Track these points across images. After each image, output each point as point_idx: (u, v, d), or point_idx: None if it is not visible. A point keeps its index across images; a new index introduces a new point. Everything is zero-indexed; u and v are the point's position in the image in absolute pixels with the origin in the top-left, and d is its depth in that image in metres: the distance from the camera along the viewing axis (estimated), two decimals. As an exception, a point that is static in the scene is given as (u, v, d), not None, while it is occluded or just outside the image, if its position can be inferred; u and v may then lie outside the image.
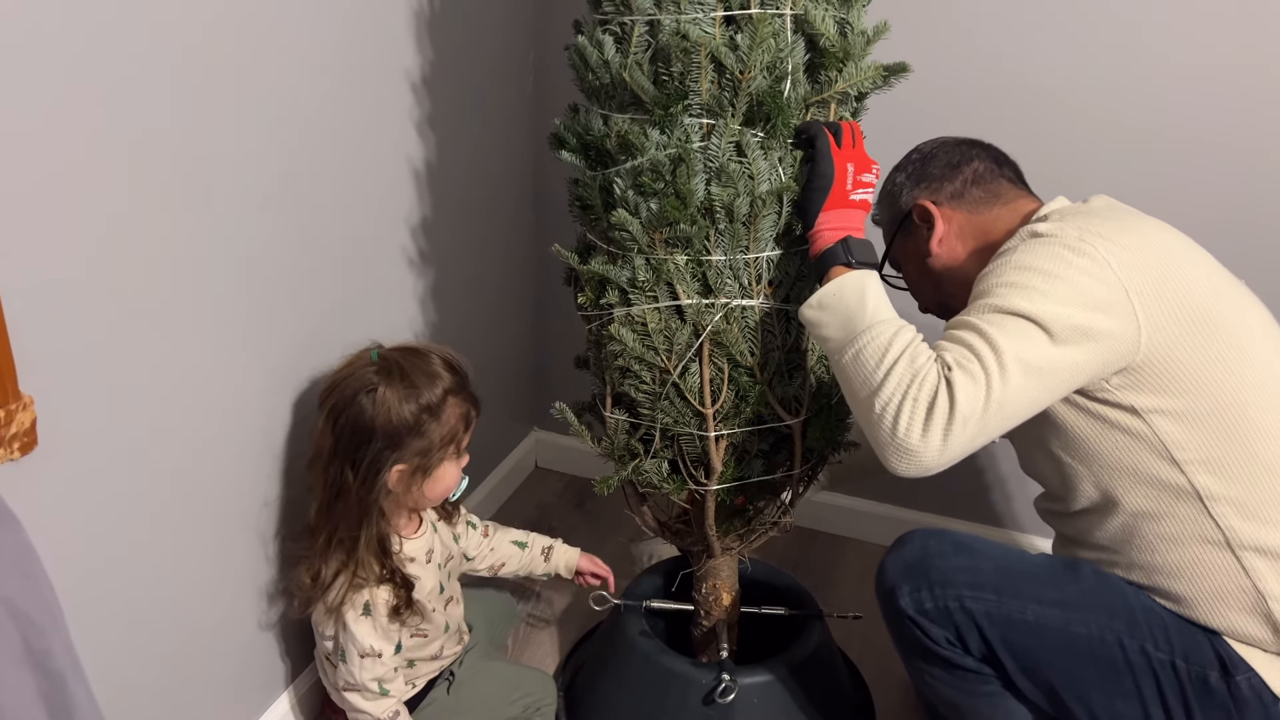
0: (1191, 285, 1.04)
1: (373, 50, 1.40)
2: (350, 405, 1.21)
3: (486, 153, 1.78)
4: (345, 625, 1.25)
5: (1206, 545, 1.04)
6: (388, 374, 1.22)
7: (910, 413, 0.94)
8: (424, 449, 1.22)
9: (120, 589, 1.12)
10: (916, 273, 1.27)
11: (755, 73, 1.05)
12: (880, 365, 0.97)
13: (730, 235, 1.11)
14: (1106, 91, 1.57)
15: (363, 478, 1.21)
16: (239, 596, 1.32)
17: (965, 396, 0.93)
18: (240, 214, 1.18)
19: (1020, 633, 1.08)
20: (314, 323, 1.36)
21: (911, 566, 1.13)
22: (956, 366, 0.95)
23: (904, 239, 1.26)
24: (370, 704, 1.28)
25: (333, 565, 1.25)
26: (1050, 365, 0.97)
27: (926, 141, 1.28)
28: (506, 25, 1.77)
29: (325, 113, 1.31)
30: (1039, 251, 1.02)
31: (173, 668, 1.22)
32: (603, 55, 1.10)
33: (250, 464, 1.28)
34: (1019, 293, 0.99)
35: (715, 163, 1.08)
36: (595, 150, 1.16)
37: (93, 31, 0.95)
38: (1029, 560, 1.15)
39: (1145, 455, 1.04)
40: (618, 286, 1.17)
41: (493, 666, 1.52)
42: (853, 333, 1.01)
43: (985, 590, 1.09)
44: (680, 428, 1.20)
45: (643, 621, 1.49)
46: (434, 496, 1.30)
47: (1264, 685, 1.02)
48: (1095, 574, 1.12)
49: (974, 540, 1.16)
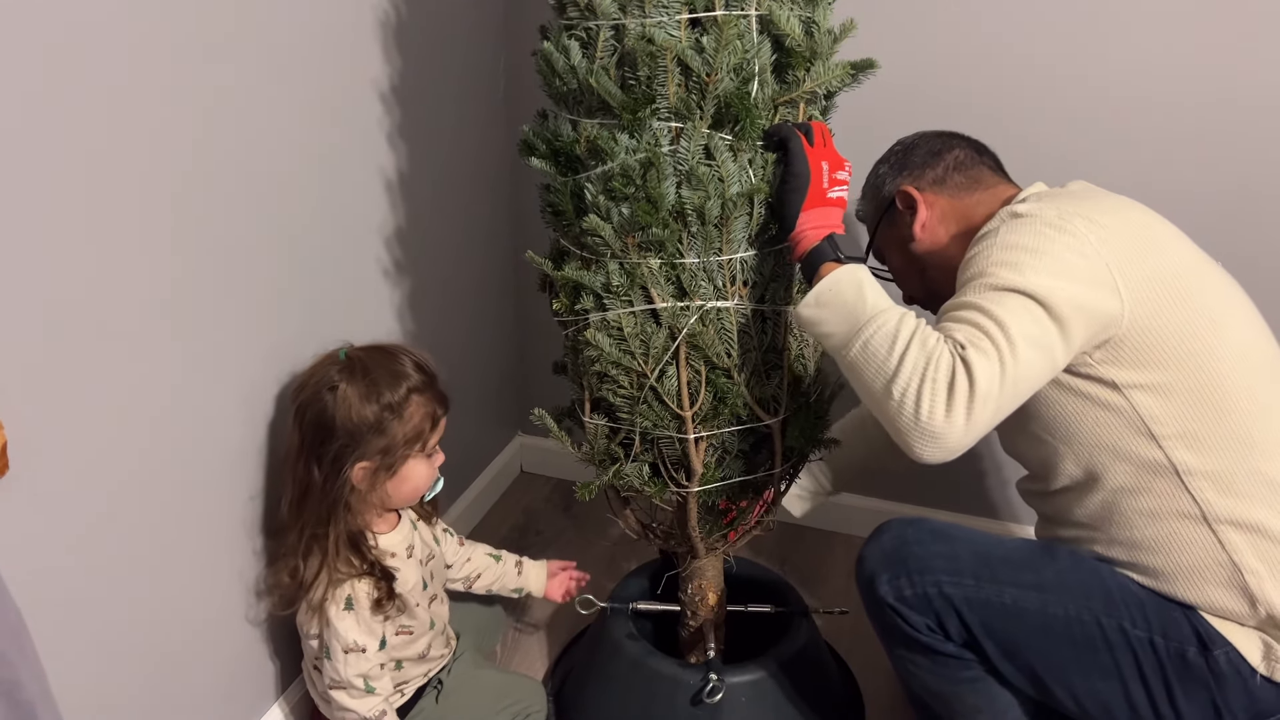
0: (1168, 260, 1.06)
1: (343, 58, 1.39)
2: (314, 403, 1.22)
3: (460, 159, 1.78)
4: (328, 621, 1.25)
5: (1184, 520, 1.05)
6: (351, 372, 1.23)
7: (931, 395, 0.94)
8: (386, 447, 1.23)
9: (101, 604, 1.11)
10: (901, 260, 1.29)
11: (722, 75, 1.05)
12: (892, 352, 0.97)
13: (703, 238, 1.11)
14: (1077, 81, 1.58)
15: (326, 474, 1.22)
16: (226, 606, 1.32)
17: (983, 374, 0.93)
18: (214, 223, 1.18)
19: (999, 616, 1.09)
20: (292, 332, 1.36)
21: (890, 555, 1.14)
22: (970, 345, 0.95)
23: (888, 227, 1.28)
24: (356, 702, 1.27)
25: (312, 563, 1.25)
26: (1051, 338, 0.98)
27: (908, 135, 1.30)
28: (476, 31, 1.76)
29: (297, 121, 1.31)
30: (1022, 230, 1.04)
31: (159, 682, 1.21)
32: (569, 61, 1.10)
33: (231, 469, 1.28)
34: (1012, 270, 1.00)
35: (685, 166, 1.08)
36: (565, 156, 1.16)
37: (54, 42, 0.94)
38: (1006, 545, 1.16)
39: (1124, 431, 1.06)
40: (592, 292, 1.17)
41: (482, 675, 1.51)
42: (856, 325, 1.01)
43: (963, 575, 1.10)
44: (659, 431, 1.20)
45: (629, 624, 1.49)
46: (404, 495, 1.30)
47: (1241, 659, 1.04)
48: (1071, 556, 1.13)
49: (951, 527, 1.17)
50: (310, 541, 1.25)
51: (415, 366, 1.28)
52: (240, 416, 1.28)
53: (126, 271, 1.07)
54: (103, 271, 1.04)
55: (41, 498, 1.01)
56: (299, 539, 1.26)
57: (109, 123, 1.02)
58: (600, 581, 1.82)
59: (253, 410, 1.30)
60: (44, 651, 1.02)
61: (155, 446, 1.15)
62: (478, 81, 1.80)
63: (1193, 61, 1.51)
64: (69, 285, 1.00)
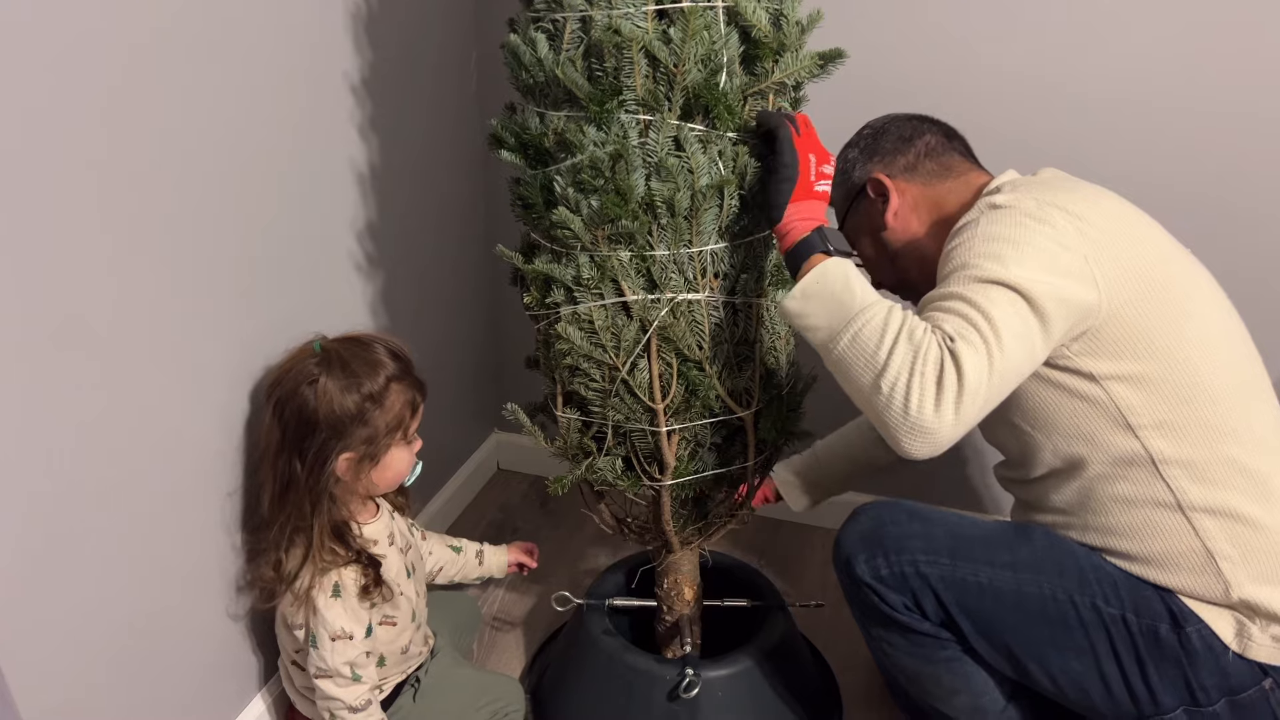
0: (1143, 250, 1.06)
1: (311, 52, 1.38)
2: (294, 398, 1.22)
3: (433, 153, 1.76)
4: (316, 609, 1.24)
5: (1159, 508, 1.06)
6: (329, 365, 1.23)
7: (920, 389, 0.93)
8: (369, 437, 1.23)
9: (80, 602, 1.10)
10: (872, 249, 1.28)
11: (689, 66, 1.05)
12: (880, 346, 0.96)
13: (673, 230, 1.11)
14: (1045, 69, 1.58)
15: (310, 468, 1.22)
16: (206, 602, 1.31)
17: (971, 366, 0.93)
18: (184, 219, 1.17)
19: (974, 595, 1.10)
20: (265, 328, 1.34)
21: (867, 535, 1.15)
22: (958, 337, 0.95)
23: (856, 215, 1.27)
24: (342, 690, 1.27)
25: (295, 554, 1.25)
26: (1033, 331, 0.99)
27: (877, 118, 1.29)
28: (446, 24, 1.75)
29: (267, 115, 1.29)
30: (1003, 221, 1.04)
31: (139, 679, 1.21)
32: (536, 53, 1.10)
33: (206, 465, 1.27)
34: (994, 262, 1.00)
35: (654, 158, 1.08)
36: (534, 149, 1.15)
37: (17, 43, 0.93)
38: (981, 526, 1.17)
39: (1102, 422, 1.07)
40: (563, 285, 1.16)
41: (459, 673, 1.50)
42: (844, 318, 1.00)
43: (939, 555, 1.11)
44: (631, 424, 1.20)
45: (606, 620, 1.49)
46: (386, 482, 1.30)
47: (1214, 635, 1.05)
48: (1046, 536, 1.14)
49: (927, 509, 1.18)
50: (293, 534, 1.25)
51: (391, 354, 1.28)
52: (214, 413, 1.27)
53: (94, 268, 1.06)
54: (70, 269, 1.03)
55: (15, 497, 1.00)
56: (281, 533, 1.25)
57: (77, 121, 1.01)
58: (577, 578, 1.82)
59: (227, 407, 1.29)
60: (20, 650, 1.02)
61: (130, 445, 1.14)
62: (449, 74, 1.79)
63: (1166, 53, 1.52)
64: (35, 284, 0.99)
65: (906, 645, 1.16)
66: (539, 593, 1.82)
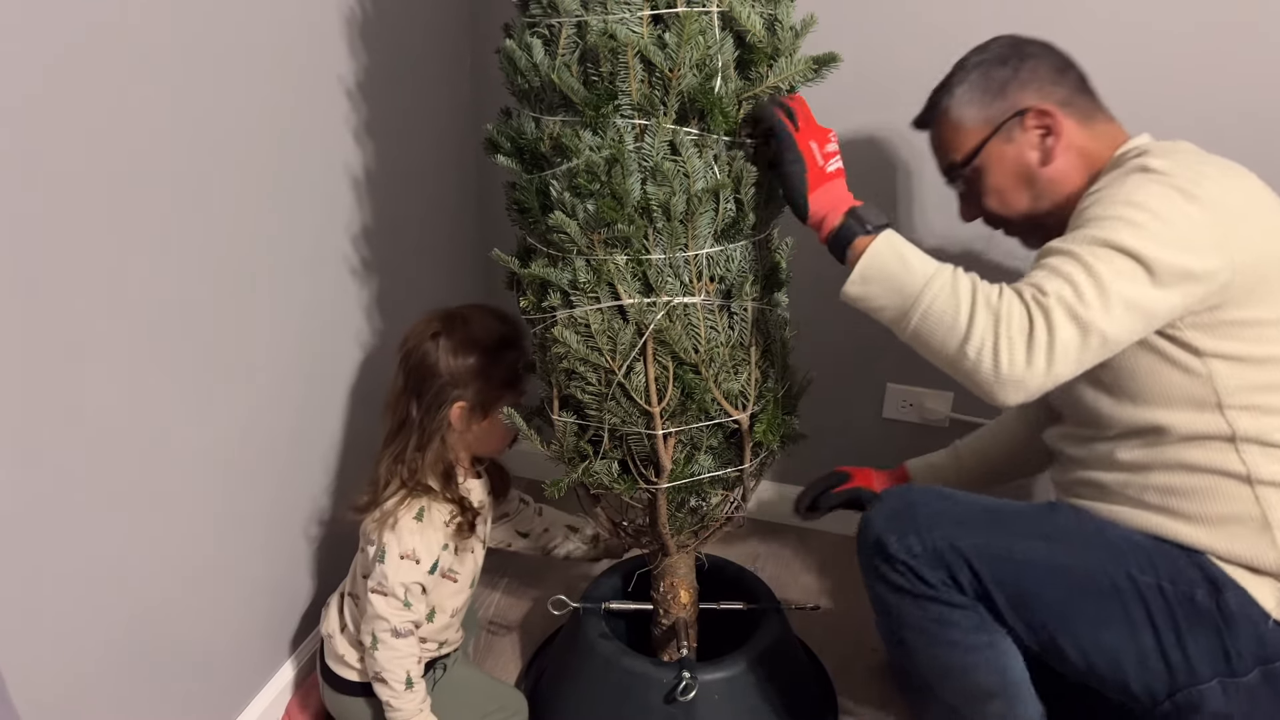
0: (1275, 241, 1.06)
1: (307, 57, 1.39)
2: (417, 350, 1.34)
3: (429, 158, 1.77)
4: (396, 523, 1.32)
5: (1227, 477, 1.07)
6: (450, 321, 1.35)
7: (1009, 349, 0.97)
8: (481, 389, 1.33)
9: (71, 595, 1.10)
10: (1006, 180, 1.20)
11: (684, 70, 1.05)
12: (959, 315, 0.99)
13: (668, 234, 1.11)
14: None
15: (426, 408, 1.33)
16: (207, 593, 1.32)
17: (1065, 329, 0.96)
18: (177, 223, 1.17)
19: (1009, 567, 1.09)
20: (259, 333, 1.35)
21: (898, 514, 1.13)
22: (1057, 299, 0.97)
23: (1003, 142, 1.19)
24: (391, 610, 1.32)
25: (394, 484, 1.35)
26: (1150, 304, 0.99)
27: (1003, 35, 1.22)
28: (442, 29, 1.76)
29: (262, 119, 1.30)
30: (1151, 190, 1.03)
31: (137, 671, 1.20)
32: (531, 58, 1.10)
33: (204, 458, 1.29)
34: (1128, 229, 1.00)
35: (650, 162, 1.08)
36: (530, 154, 1.16)
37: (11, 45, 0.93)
38: (1010, 504, 1.17)
39: (1194, 394, 1.06)
40: (559, 289, 1.16)
41: (474, 676, 1.54)
42: (910, 295, 1.02)
43: (973, 528, 1.11)
44: (628, 427, 1.20)
45: (602, 624, 1.49)
46: (492, 442, 1.41)
47: (1253, 602, 1.04)
48: (1073, 511, 1.15)
49: (954, 491, 1.18)
50: (396, 463, 1.35)
51: (504, 321, 1.38)
52: (202, 411, 1.27)
53: (90, 264, 1.06)
54: (66, 265, 1.03)
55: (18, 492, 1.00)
56: (388, 463, 1.35)
57: (72, 124, 1.01)
58: (573, 582, 1.82)
59: (216, 405, 1.30)
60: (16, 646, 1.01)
61: (124, 442, 1.14)
62: (445, 80, 1.79)
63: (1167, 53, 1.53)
64: (33, 283, 0.99)
65: (942, 633, 1.12)
66: (535, 596, 1.83)
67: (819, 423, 1.54)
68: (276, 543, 1.48)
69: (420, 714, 1.35)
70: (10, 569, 1.03)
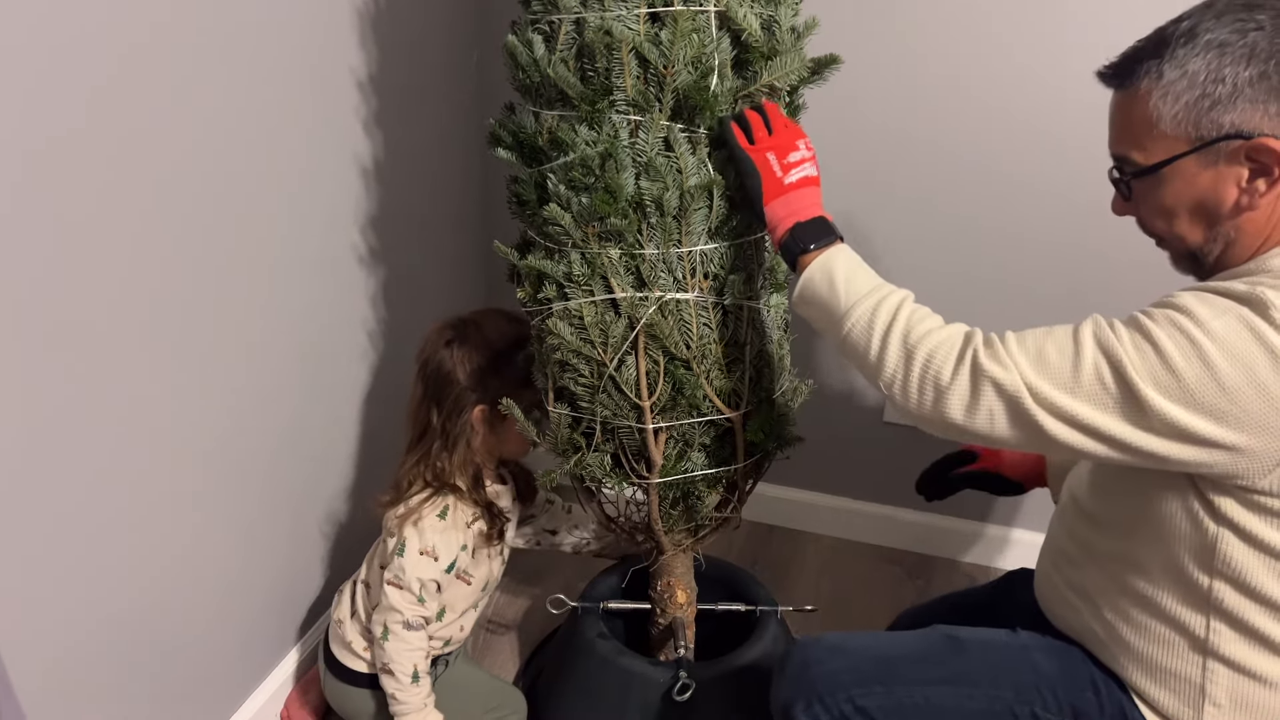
0: None
1: (318, 48, 1.42)
2: (433, 359, 1.37)
3: (433, 153, 1.80)
4: (419, 519, 1.35)
5: (1184, 635, 0.98)
6: (463, 328, 1.38)
7: (919, 390, 0.93)
8: (500, 390, 1.34)
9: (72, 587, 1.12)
10: (1186, 208, 0.94)
11: (679, 68, 1.07)
12: (869, 349, 0.96)
13: (661, 229, 1.13)
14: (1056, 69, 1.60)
15: (446, 415, 1.36)
16: (208, 587, 1.34)
17: (994, 381, 0.89)
18: (184, 217, 1.20)
19: (914, 717, 1.06)
20: (263, 321, 1.38)
21: (796, 680, 1.10)
22: (989, 361, 0.90)
23: (1201, 164, 0.91)
24: (404, 603, 1.34)
25: (418, 485, 1.38)
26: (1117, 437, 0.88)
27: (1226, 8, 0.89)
28: (450, 25, 1.79)
29: (271, 112, 1.33)
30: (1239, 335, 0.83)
31: (138, 663, 1.22)
32: (531, 54, 1.12)
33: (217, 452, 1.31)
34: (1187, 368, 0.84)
35: (644, 158, 1.10)
36: (529, 147, 1.17)
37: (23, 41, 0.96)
38: (907, 643, 1.12)
39: (1189, 548, 0.95)
40: (555, 281, 1.18)
41: (475, 673, 1.56)
42: (835, 321, 1.00)
43: (871, 684, 1.07)
44: (619, 420, 1.21)
45: (600, 623, 1.49)
46: (514, 445, 1.42)
47: None
48: (978, 643, 1.10)
49: (847, 638, 1.13)
50: (419, 465, 1.37)
51: (517, 324, 1.40)
52: (211, 403, 1.30)
53: (97, 258, 1.09)
54: (73, 261, 1.06)
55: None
56: (411, 468, 1.38)
57: (98, 109, 1.04)
58: (571, 581, 1.83)
59: (226, 397, 1.32)
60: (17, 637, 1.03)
61: (127, 434, 1.16)
62: (451, 75, 1.82)
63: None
64: (34, 280, 1.02)
65: None
66: (533, 596, 1.83)
67: (818, 425, 1.55)
68: (283, 533, 1.50)
69: (425, 709, 1.36)
70: (18, 554, 1.05)
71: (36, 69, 0.97)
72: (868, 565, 1.98)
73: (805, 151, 1.09)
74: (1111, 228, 1.21)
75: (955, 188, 1.74)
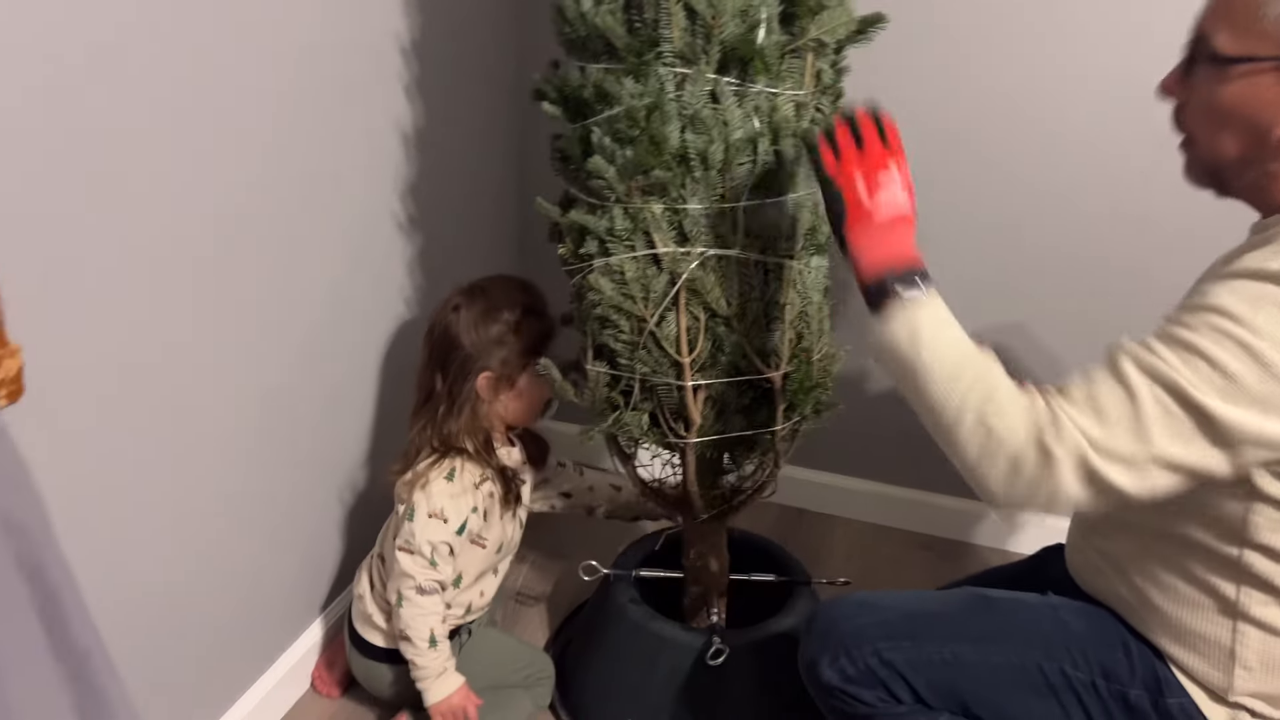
0: None
1: (357, 14, 1.42)
2: (440, 323, 1.37)
3: (475, 120, 1.80)
4: (426, 483, 1.35)
5: (1214, 598, 0.98)
6: (471, 294, 1.37)
7: (994, 478, 0.91)
8: (506, 357, 1.35)
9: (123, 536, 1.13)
10: (1237, 120, 0.89)
11: (726, 19, 1.07)
12: (951, 431, 0.93)
13: (705, 184, 1.13)
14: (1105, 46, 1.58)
15: (451, 380, 1.35)
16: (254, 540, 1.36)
17: (1067, 480, 0.87)
18: (223, 183, 1.21)
19: (942, 673, 1.05)
20: (297, 293, 1.39)
21: (823, 636, 1.10)
22: (1069, 445, 0.87)
23: (1276, 76, 0.85)
24: (417, 569, 1.34)
25: (425, 450, 1.38)
26: (1204, 466, 0.87)
27: None
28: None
29: (315, 77, 1.34)
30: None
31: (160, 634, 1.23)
32: (579, 7, 1.12)
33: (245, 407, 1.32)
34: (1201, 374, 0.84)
35: (689, 110, 1.10)
36: (574, 101, 1.18)
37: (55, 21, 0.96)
38: (936, 600, 1.12)
39: (1221, 520, 0.95)
40: (596, 236, 1.18)
41: (502, 638, 1.56)
42: (911, 389, 0.97)
43: (899, 638, 1.06)
44: (658, 377, 1.21)
45: (633, 589, 1.49)
46: (521, 411, 1.42)
47: (1198, 710, 0.99)
48: (1009, 601, 1.09)
49: (876, 596, 1.13)
50: (425, 430, 1.38)
51: (522, 289, 1.41)
52: (249, 373, 1.31)
53: (153, 230, 1.10)
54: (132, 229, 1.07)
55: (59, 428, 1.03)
56: (417, 435, 1.38)
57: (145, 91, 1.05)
58: (602, 551, 1.82)
59: (268, 368, 1.34)
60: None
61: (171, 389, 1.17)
62: (494, 38, 1.81)
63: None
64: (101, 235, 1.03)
65: None
66: (562, 569, 1.83)
67: (851, 408, 1.52)
68: (308, 504, 1.50)
69: (445, 673, 1.37)
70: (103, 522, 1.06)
71: (86, 32, 0.98)
72: (899, 550, 1.97)
73: (891, 174, 1.00)
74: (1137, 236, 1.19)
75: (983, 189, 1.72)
